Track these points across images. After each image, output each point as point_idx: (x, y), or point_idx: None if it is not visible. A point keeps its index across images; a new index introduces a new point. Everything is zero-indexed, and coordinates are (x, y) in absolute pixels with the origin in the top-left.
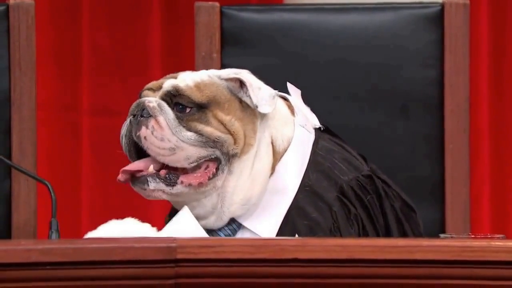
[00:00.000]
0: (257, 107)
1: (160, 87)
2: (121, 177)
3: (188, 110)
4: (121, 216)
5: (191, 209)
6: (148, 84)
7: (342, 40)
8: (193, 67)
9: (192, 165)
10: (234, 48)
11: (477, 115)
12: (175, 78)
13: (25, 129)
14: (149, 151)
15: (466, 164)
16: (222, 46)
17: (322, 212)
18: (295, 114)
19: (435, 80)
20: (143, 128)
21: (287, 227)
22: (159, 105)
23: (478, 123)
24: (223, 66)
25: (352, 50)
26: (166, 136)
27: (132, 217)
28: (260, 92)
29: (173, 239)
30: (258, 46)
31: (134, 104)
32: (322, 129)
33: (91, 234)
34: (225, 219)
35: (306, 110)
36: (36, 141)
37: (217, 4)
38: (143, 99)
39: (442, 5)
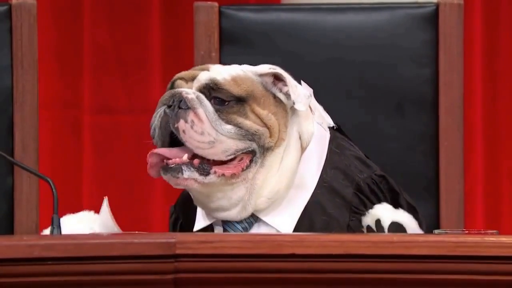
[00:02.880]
0: (294, 103)
1: (192, 78)
2: (151, 163)
3: (226, 103)
4: (120, 212)
5: (216, 201)
6: (179, 73)
7: (338, 40)
8: (192, 66)
9: (229, 157)
10: (232, 47)
11: (471, 113)
12: (208, 70)
13: (27, 127)
14: (187, 144)
15: (460, 161)
16: (221, 45)
17: (339, 208)
18: (313, 111)
19: (430, 79)
20: (182, 121)
21: (305, 222)
22: (198, 97)
23: (472, 120)
24: (222, 64)
25: (348, 49)
26: (206, 129)
27: (132, 212)
28: (297, 90)
29: (173, 235)
30: (256, 45)
31: (168, 94)
32: (335, 128)
33: (46, 231)
34: (249, 212)
35: (320, 108)
36: (38, 139)
37: (215, 4)
38: (179, 89)
39: (437, 5)
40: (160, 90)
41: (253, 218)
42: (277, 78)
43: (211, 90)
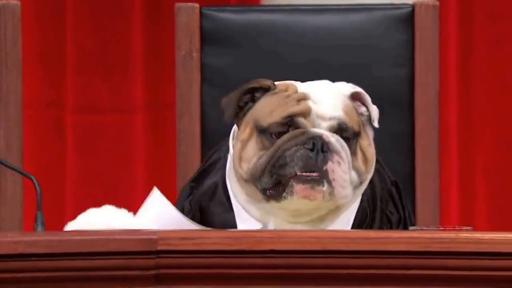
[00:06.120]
0: (373, 121)
1: (308, 112)
2: None
3: (349, 141)
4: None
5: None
6: (292, 108)
7: (316, 40)
8: (173, 66)
9: (345, 201)
10: (213, 47)
11: (446, 112)
12: (308, 98)
13: (11, 126)
14: (334, 183)
15: (435, 160)
16: (202, 45)
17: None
18: None
19: (406, 79)
20: (329, 162)
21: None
22: (337, 140)
23: (447, 120)
24: (203, 64)
25: (326, 50)
26: (347, 170)
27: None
28: (373, 107)
29: (154, 231)
30: (236, 45)
31: (302, 134)
32: None
33: (70, 225)
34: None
35: None
36: (22, 138)
37: (196, 5)
38: (317, 132)
39: (413, 7)
40: (142, 89)
41: None
42: (354, 97)
43: (342, 131)
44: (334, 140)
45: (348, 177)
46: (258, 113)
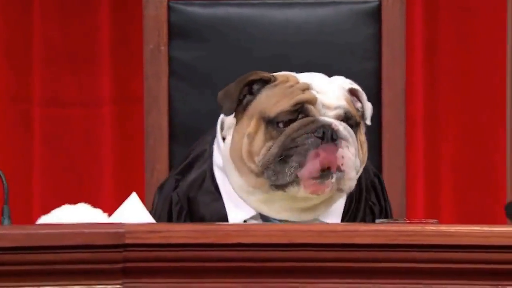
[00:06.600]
0: (366, 118)
1: (314, 100)
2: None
3: (352, 129)
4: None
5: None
6: (299, 96)
7: (284, 34)
8: (141, 59)
9: (350, 184)
10: (181, 41)
11: (412, 106)
12: (311, 87)
13: None
14: (344, 167)
15: (402, 153)
16: (170, 39)
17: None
18: None
19: (373, 72)
20: (340, 149)
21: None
22: (345, 128)
23: (413, 113)
24: (170, 58)
25: (294, 44)
26: (355, 155)
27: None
28: (368, 105)
29: (122, 225)
30: (204, 39)
31: (312, 122)
32: None
33: (44, 218)
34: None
35: None
36: None
37: None
38: (326, 120)
39: (380, 1)
40: (109, 83)
41: None
42: (352, 92)
43: (347, 120)
44: (342, 128)
45: (355, 160)
46: (262, 105)
